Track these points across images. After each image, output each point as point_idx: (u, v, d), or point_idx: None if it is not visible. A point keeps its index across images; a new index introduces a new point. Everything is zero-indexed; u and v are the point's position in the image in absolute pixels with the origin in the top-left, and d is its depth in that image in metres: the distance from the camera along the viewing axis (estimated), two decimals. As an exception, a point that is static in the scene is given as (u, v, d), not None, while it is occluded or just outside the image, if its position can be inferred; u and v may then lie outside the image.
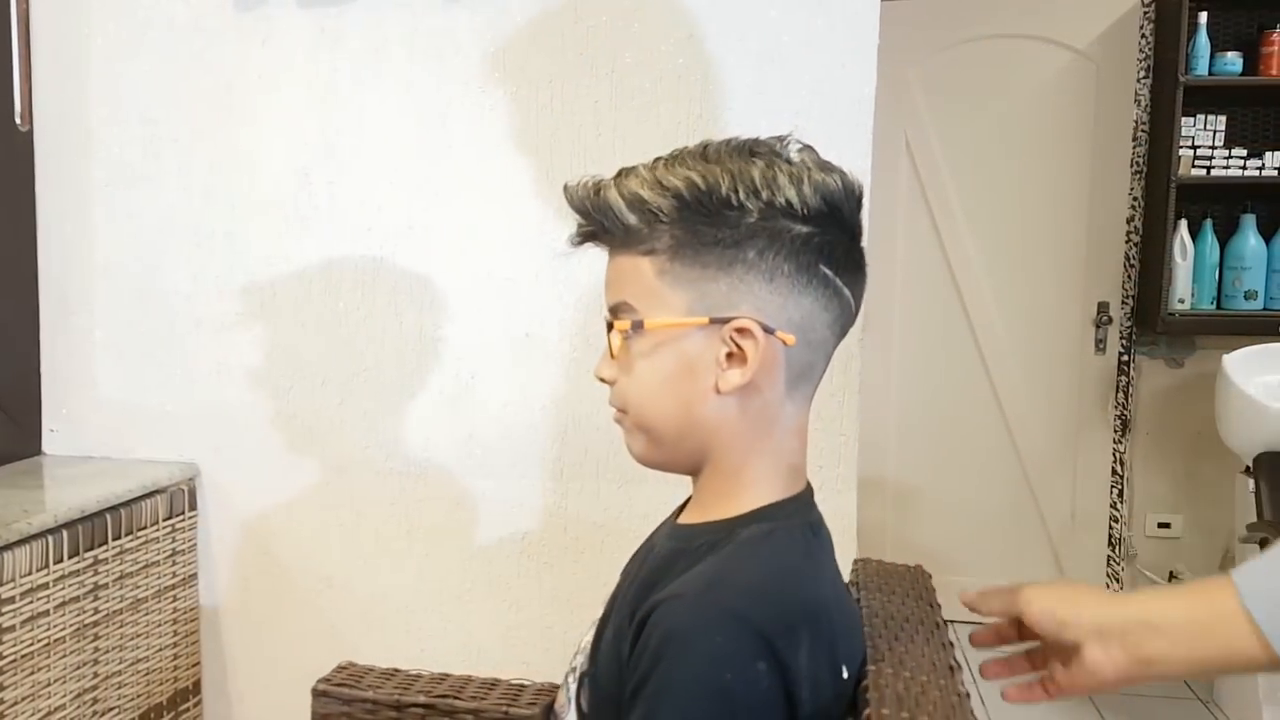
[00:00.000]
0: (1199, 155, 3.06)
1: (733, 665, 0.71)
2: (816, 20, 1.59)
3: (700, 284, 0.79)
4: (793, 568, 0.79)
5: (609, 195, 0.80)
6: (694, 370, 0.80)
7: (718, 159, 0.79)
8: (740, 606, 0.73)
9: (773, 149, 0.81)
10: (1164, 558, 3.37)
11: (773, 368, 0.80)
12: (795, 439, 0.84)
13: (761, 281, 0.78)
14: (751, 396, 0.80)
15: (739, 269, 0.78)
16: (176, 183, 1.79)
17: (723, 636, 0.71)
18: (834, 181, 0.80)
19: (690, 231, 0.78)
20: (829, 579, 0.82)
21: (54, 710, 1.53)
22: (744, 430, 0.81)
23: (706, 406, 0.80)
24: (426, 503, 1.77)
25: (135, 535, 1.68)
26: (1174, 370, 3.30)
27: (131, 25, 1.78)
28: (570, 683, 0.90)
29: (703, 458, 0.83)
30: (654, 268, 0.80)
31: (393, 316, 1.75)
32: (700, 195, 0.77)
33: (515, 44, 1.67)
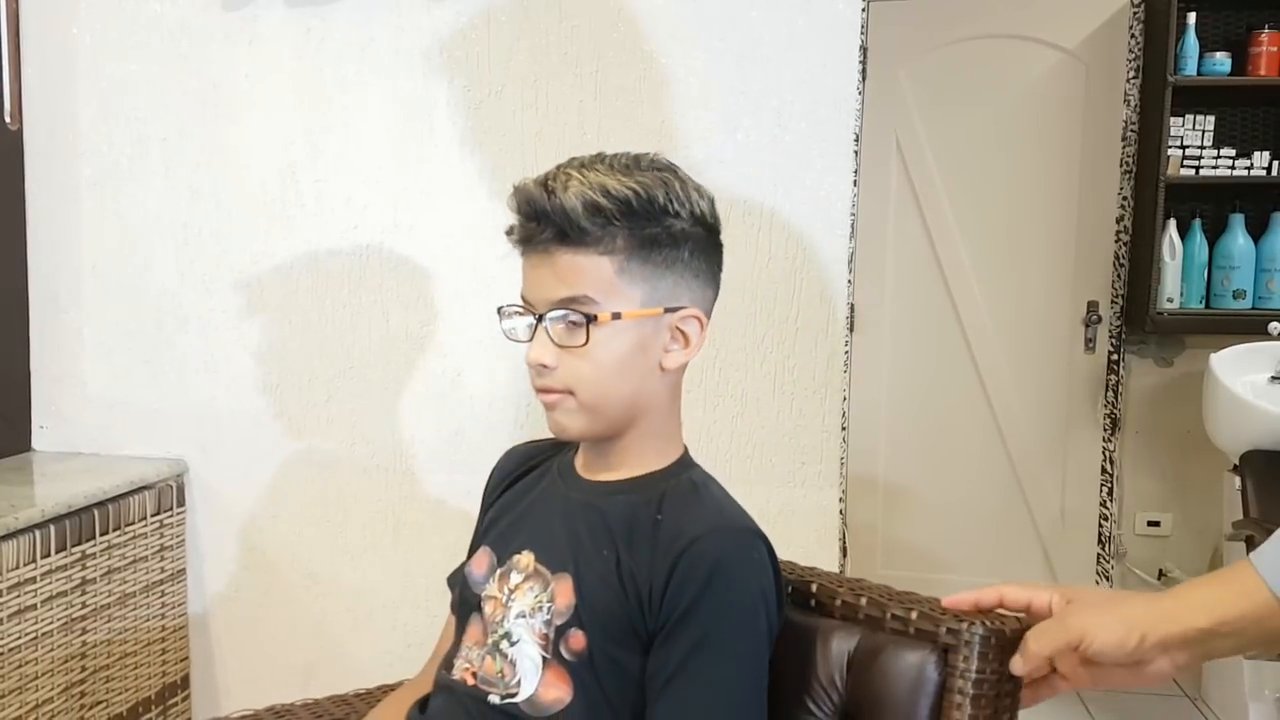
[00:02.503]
0: (1188, 155, 3.08)
1: (764, 576, 0.91)
2: (798, 20, 1.61)
3: (652, 280, 0.93)
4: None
5: (565, 200, 0.89)
6: (645, 354, 0.94)
7: (638, 170, 0.92)
8: (749, 525, 0.94)
9: (668, 165, 0.96)
10: (1153, 556, 3.38)
11: (695, 347, 0.97)
12: (680, 402, 1.03)
13: (692, 276, 0.96)
14: (677, 371, 0.98)
15: (679, 267, 0.94)
16: (164, 181, 1.81)
17: (754, 553, 0.91)
18: (710, 196, 0.98)
19: (639, 235, 0.91)
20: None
21: (42, 703, 1.55)
22: (669, 399, 0.99)
23: (649, 384, 0.96)
24: (412, 499, 1.78)
25: (123, 531, 1.69)
26: (1163, 369, 3.31)
27: (120, 25, 1.79)
28: (508, 646, 0.94)
29: (629, 425, 0.97)
30: (613, 265, 0.91)
31: (379, 314, 1.76)
32: (643, 202, 0.91)
33: (500, 44, 1.68)
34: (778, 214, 1.63)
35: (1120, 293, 3.29)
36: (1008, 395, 3.40)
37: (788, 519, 1.67)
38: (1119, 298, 3.29)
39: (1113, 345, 3.31)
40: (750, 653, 0.89)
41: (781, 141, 1.62)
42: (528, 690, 0.92)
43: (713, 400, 1.67)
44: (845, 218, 1.62)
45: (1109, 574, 3.39)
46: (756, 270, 1.64)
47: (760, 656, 0.90)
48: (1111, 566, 3.39)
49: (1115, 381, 3.32)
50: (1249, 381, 2.75)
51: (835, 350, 1.65)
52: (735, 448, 1.67)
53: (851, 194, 1.63)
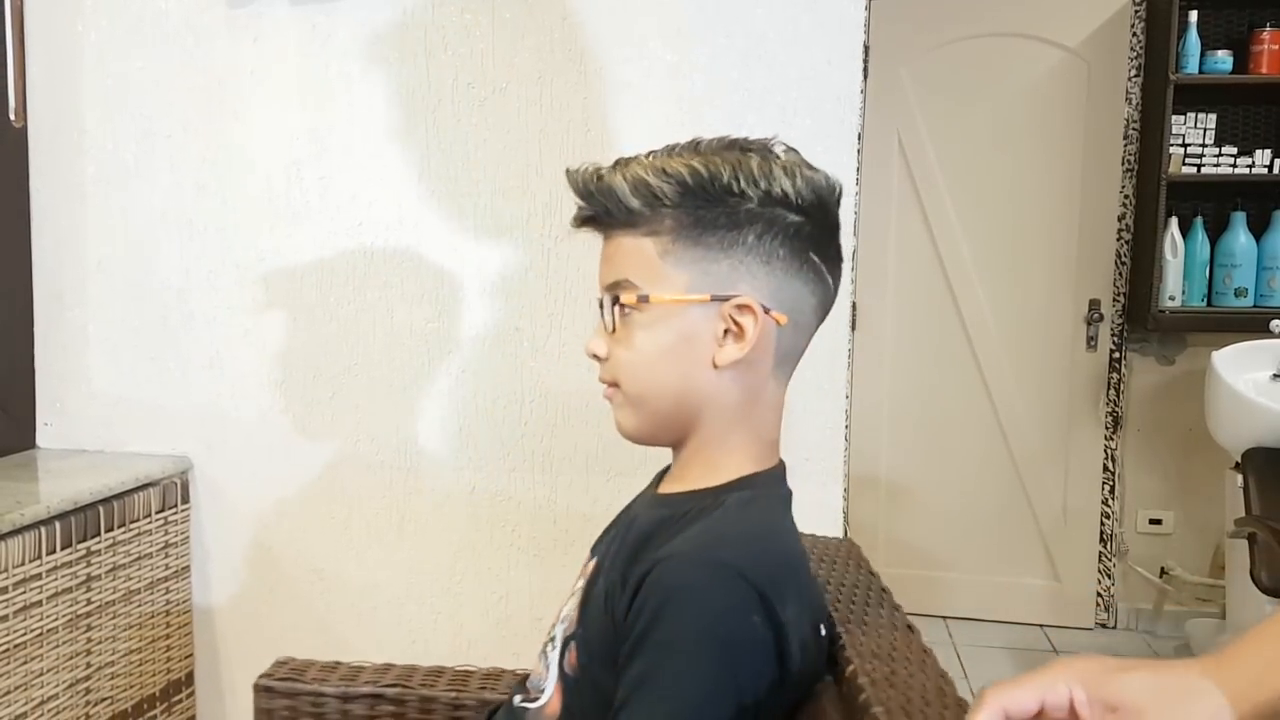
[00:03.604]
0: (1189, 153, 3.08)
1: (732, 618, 0.76)
2: (802, 18, 1.61)
3: (702, 264, 0.84)
4: (777, 529, 0.86)
5: (613, 180, 0.84)
6: (692, 345, 0.85)
7: (714, 151, 0.85)
8: (736, 562, 0.78)
9: (765, 146, 0.87)
10: (1155, 553, 3.38)
11: (765, 345, 0.85)
12: (774, 415, 0.90)
13: (759, 264, 0.84)
14: (744, 372, 0.86)
15: (739, 251, 0.84)
16: (169, 178, 1.81)
17: (722, 591, 0.76)
18: (821, 178, 0.86)
19: (691, 215, 0.83)
20: (802, 548, 0.89)
21: (47, 700, 1.55)
22: (732, 404, 0.87)
23: (701, 379, 0.86)
24: (417, 495, 1.78)
25: (128, 528, 1.69)
26: (1165, 367, 3.32)
27: (124, 22, 1.80)
28: (550, 651, 0.92)
29: (689, 430, 0.88)
30: (657, 248, 0.84)
31: (384, 311, 1.76)
32: (703, 181, 0.82)
33: (504, 40, 1.69)
34: (782, 211, 1.63)
35: (1122, 291, 3.30)
36: (1009, 393, 3.40)
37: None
38: (1121, 296, 3.30)
39: (1114, 343, 3.31)
40: (696, 700, 0.74)
41: (785, 138, 1.61)
42: (544, 699, 0.89)
43: (717, 397, 1.67)
44: (848, 214, 1.62)
45: (1110, 571, 3.39)
46: (761, 267, 1.64)
47: (716, 706, 0.75)
48: (1113, 564, 3.40)
49: (1117, 379, 3.32)
50: (1251, 379, 2.75)
51: (837, 347, 1.65)
52: (739, 444, 1.67)
53: (854, 191, 1.63)
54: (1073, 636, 3.35)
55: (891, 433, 3.49)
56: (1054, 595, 3.44)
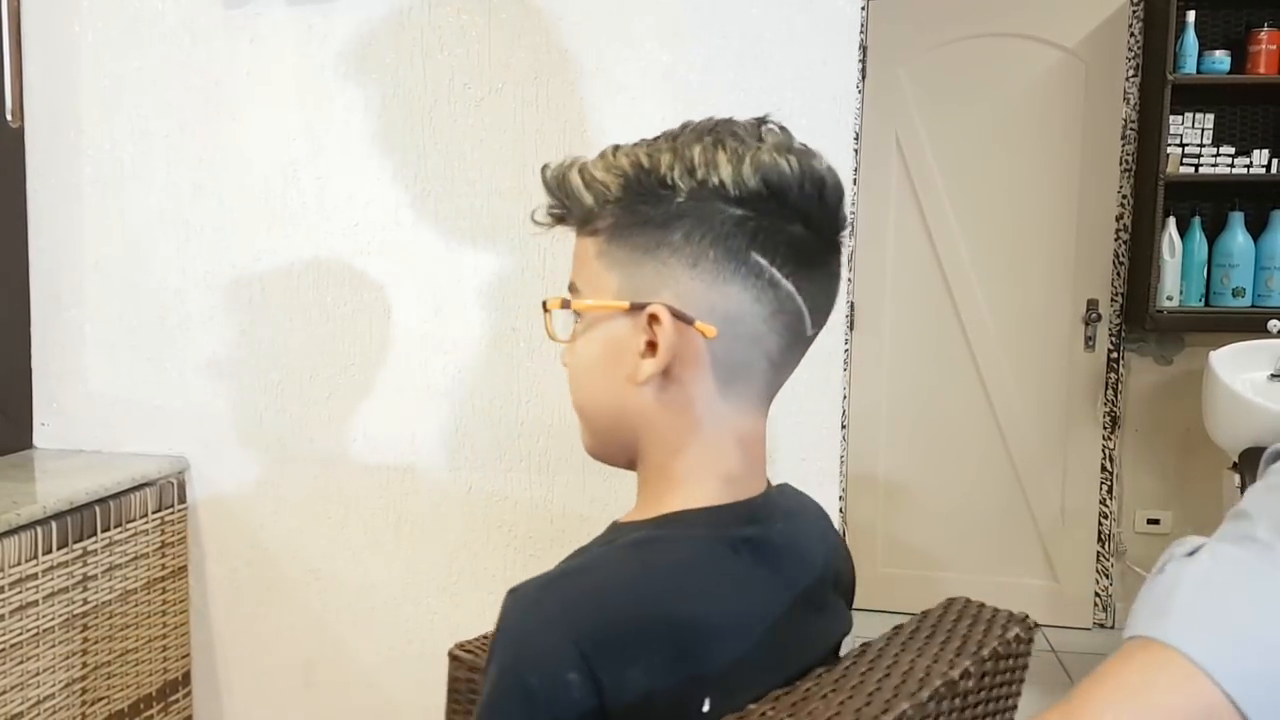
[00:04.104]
0: (1187, 153, 3.08)
1: (541, 670, 0.68)
2: (798, 18, 1.61)
3: (628, 267, 0.75)
4: (650, 580, 0.73)
5: (571, 175, 0.77)
6: (619, 358, 0.76)
7: (676, 136, 0.76)
8: (561, 612, 0.69)
9: (735, 128, 0.75)
10: (1153, 554, 3.37)
11: (694, 361, 0.75)
12: (731, 445, 0.77)
13: (685, 267, 0.74)
14: (673, 391, 0.76)
15: (664, 252, 0.74)
16: (166, 179, 1.81)
17: (537, 640, 0.69)
18: (787, 164, 0.73)
19: (629, 212, 0.75)
20: (724, 598, 0.74)
21: (43, 699, 1.55)
22: (667, 427, 0.77)
23: (630, 397, 0.77)
24: (413, 496, 1.78)
25: (124, 527, 1.69)
26: (1163, 367, 3.32)
27: (121, 23, 1.80)
28: None
29: (634, 453, 0.80)
30: (595, 248, 0.77)
31: (380, 311, 1.77)
32: (641, 173, 0.74)
33: (500, 41, 1.69)
34: (778, 211, 1.63)
35: (1120, 291, 3.30)
36: (1007, 393, 3.40)
37: (788, 515, 1.67)
38: (1119, 296, 3.30)
39: (1112, 343, 3.32)
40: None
41: (782, 138, 1.62)
42: None
43: (713, 397, 1.67)
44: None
45: (1109, 572, 3.40)
46: (757, 267, 1.65)
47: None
48: (1111, 565, 3.40)
49: (1115, 379, 3.33)
50: (1248, 379, 2.75)
51: (835, 347, 1.65)
52: (736, 444, 1.67)
53: (851, 192, 1.63)
54: (1071, 636, 3.35)
55: (890, 433, 3.49)
56: (1052, 595, 3.44)
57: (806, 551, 0.82)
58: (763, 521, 0.79)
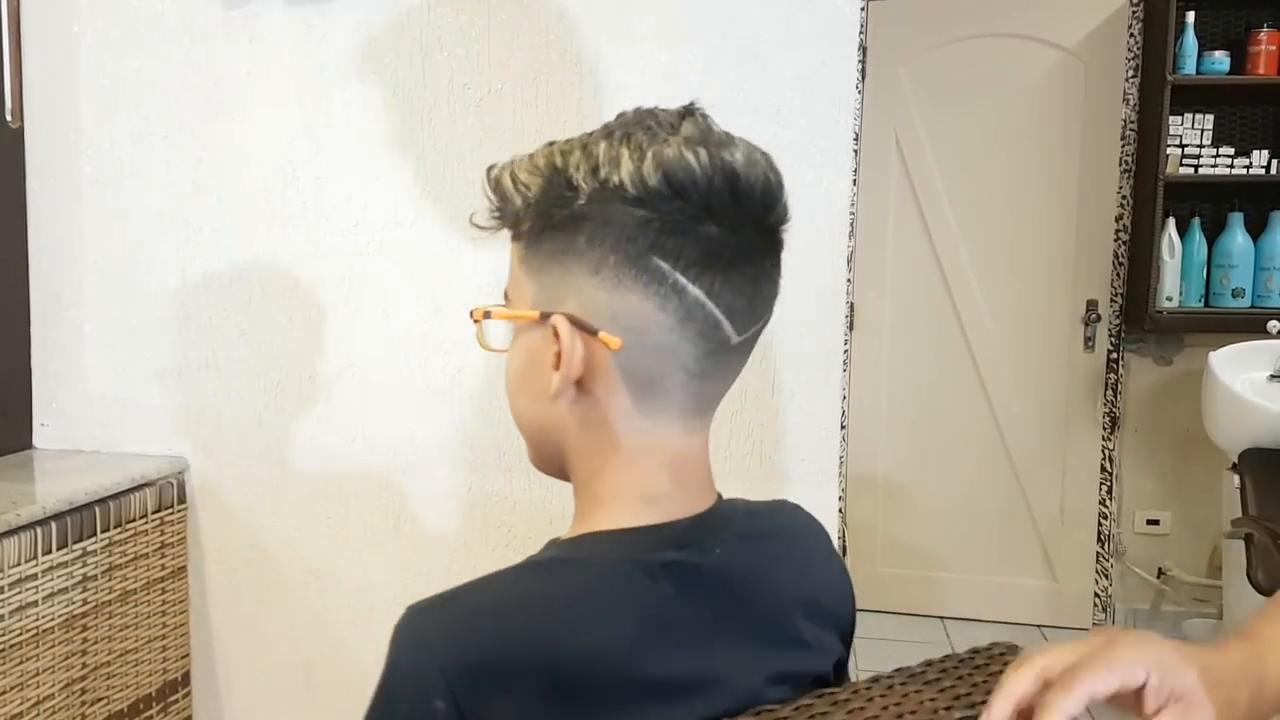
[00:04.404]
0: (1187, 154, 3.09)
1: (409, 695, 0.66)
2: (798, 18, 1.61)
3: (541, 274, 0.72)
4: (537, 606, 0.69)
5: (503, 176, 0.73)
6: (537, 369, 0.72)
7: (595, 132, 0.71)
8: (437, 638, 0.67)
9: (651, 121, 0.70)
10: (1152, 554, 3.38)
11: (604, 374, 0.70)
12: (654, 463, 0.72)
13: (588, 274, 0.69)
14: (587, 405, 0.72)
15: (570, 258, 0.69)
16: (165, 179, 1.81)
17: (409, 664, 0.67)
18: (694, 158, 0.67)
19: (542, 216, 0.70)
20: (625, 627, 0.69)
21: (43, 700, 1.55)
22: (587, 443, 0.73)
23: (548, 411, 0.73)
24: (413, 496, 1.78)
25: (124, 528, 1.69)
26: (1162, 368, 3.32)
27: (121, 23, 1.80)
28: None
29: (564, 469, 0.76)
30: (518, 254, 0.74)
31: (379, 312, 1.77)
32: (554, 175, 0.69)
33: (500, 41, 1.69)
34: (777, 211, 1.63)
35: (1119, 291, 3.30)
36: (1007, 394, 3.41)
37: (787, 516, 1.67)
38: (1118, 296, 3.30)
39: (1112, 344, 3.32)
40: None
41: (781, 139, 1.62)
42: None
43: (713, 397, 1.67)
44: (845, 215, 1.63)
45: (1108, 572, 3.40)
46: (756, 267, 1.65)
47: None
48: (1111, 565, 3.40)
49: (1114, 380, 3.33)
50: (1248, 380, 2.76)
51: (835, 348, 1.65)
52: (735, 444, 1.68)
53: (851, 192, 1.64)
54: (1070, 637, 3.33)
55: (889, 433, 3.49)
56: (1051, 595, 3.44)
57: (758, 578, 0.75)
58: (692, 545, 0.72)
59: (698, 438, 0.75)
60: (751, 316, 0.72)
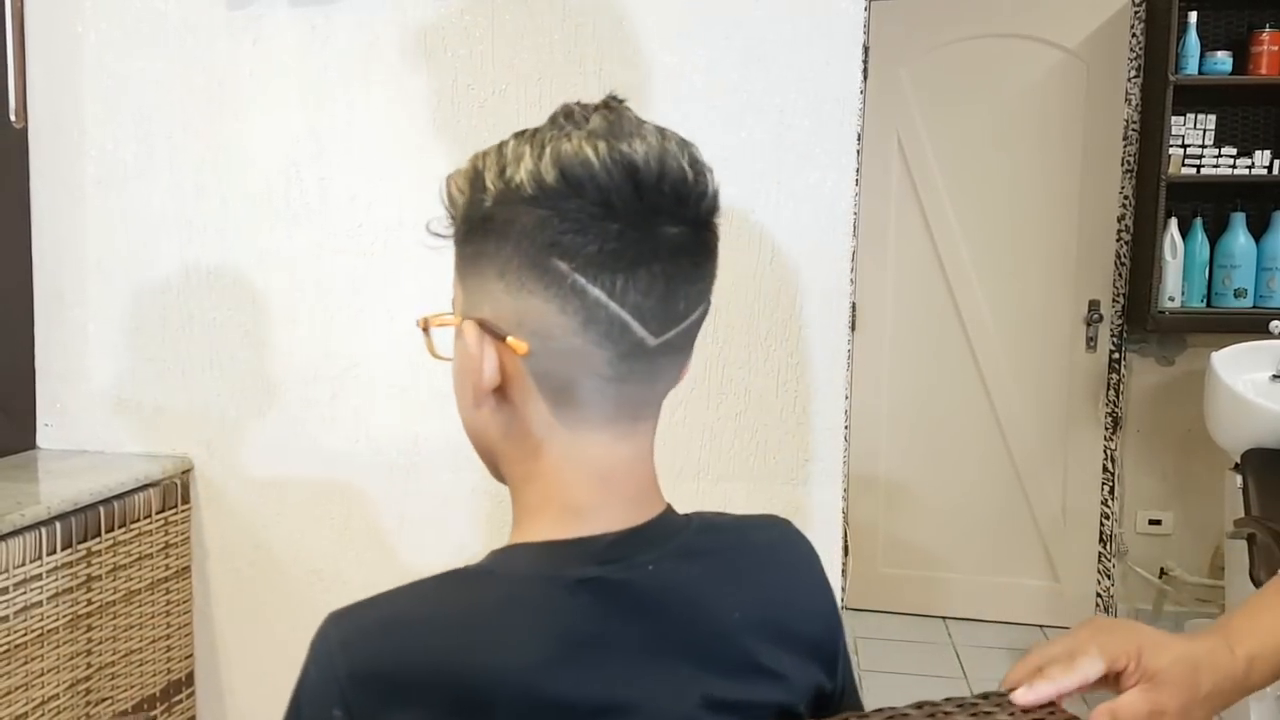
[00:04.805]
0: (1189, 154, 3.09)
1: (312, 702, 0.66)
2: (801, 20, 1.61)
3: (464, 280, 0.70)
4: (440, 619, 0.68)
5: (447, 183, 0.71)
6: (464, 376, 0.71)
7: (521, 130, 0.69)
8: (339, 646, 0.66)
9: (562, 115, 0.68)
10: (1155, 554, 3.38)
11: (519, 381, 0.68)
12: (578, 474, 0.69)
13: (495, 277, 0.67)
14: (508, 413, 0.70)
15: (483, 262, 0.68)
16: (169, 179, 1.81)
17: (314, 671, 0.67)
18: (592, 152, 0.64)
19: (465, 220, 0.69)
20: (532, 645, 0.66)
21: (47, 700, 1.55)
22: (513, 453, 0.71)
23: (479, 418, 0.72)
24: (416, 496, 1.78)
25: (128, 528, 1.70)
26: (1164, 368, 3.32)
27: (124, 23, 1.80)
28: None
29: (501, 476, 0.75)
30: (455, 260, 0.72)
31: (383, 312, 1.77)
32: (475, 178, 0.68)
33: (504, 42, 1.69)
34: (781, 211, 1.64)
35: (1121, 291, 3.30)
36: (1009, 394, 3.41)
37: (791, 516, 1.66)
38: (1120, 296, 3.30)
39: (1114, 344, 3.32)
40: None
41: (785, 139, 1.63)
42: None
43: (716, 397, 1.68)
44: (848, 215, 1.63)
45: (1110, 572, 3.40)
46: (760, 267, 1.65)
47: None
48: (1113, 565, 3.40)
49: (1116, 380, 3.33)
50: (1250, 380, 2.76)
51: (837, 348, 1.65)
52: (739, 444, 1.68)
53: (854, 192, 1.64)
54: (1072, 637, 3.35)
55: (891, 433, 3.49)
56: (1053, 595, 3.44)
57: (699, 597, 0.70)
58: (620, 560, 0.68)
59: (630, 446, 0.70)
60: (668, 317, 0.67)
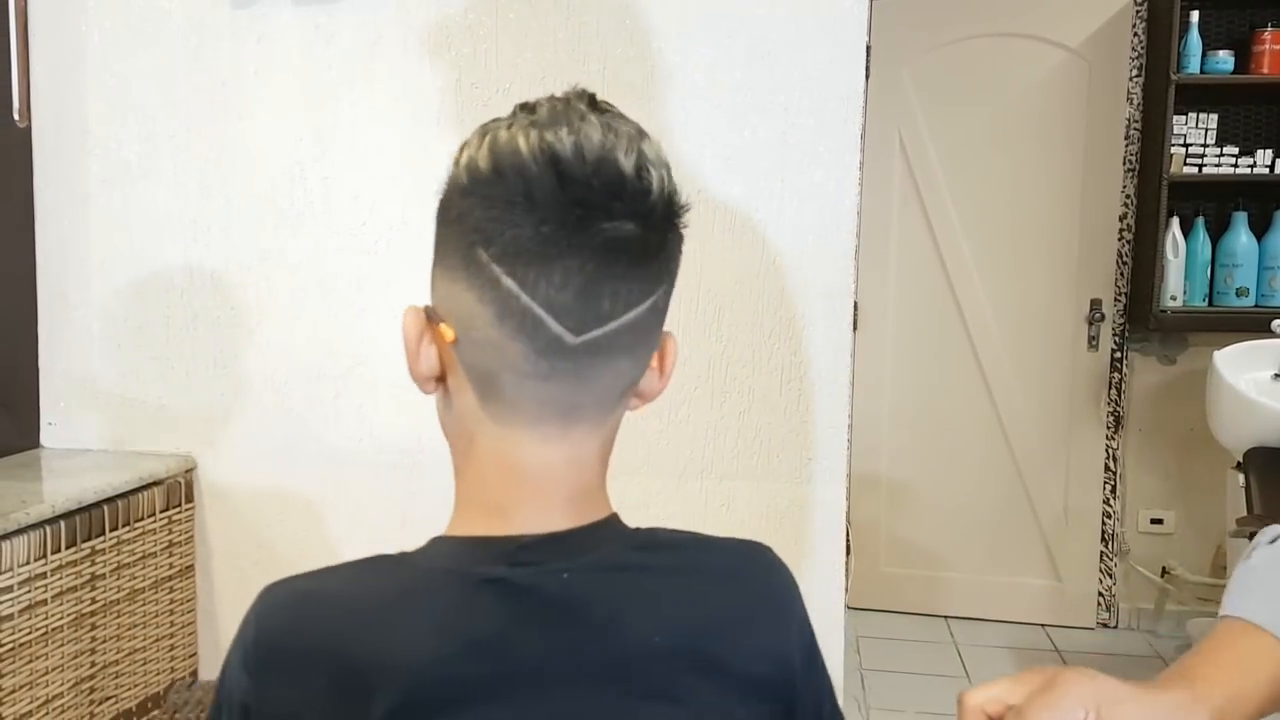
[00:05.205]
0: (1191, 153, 3.09)
1: (230, 665, 0.68)
2: (805, 19, 1.61)
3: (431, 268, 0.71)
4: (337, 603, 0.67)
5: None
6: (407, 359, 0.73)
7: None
8: (255, 616, 0.68)
9: (521, 105, 0.68)
10: (1156, 554, 3.38)
11: (454, 369, 0.68)
12: (499, 471, 0.67)
13: (436, 264, 0.68)
14: (446, 402, 0.71)
15: (436, 249, 0.68)
16: (173, 179, 1.81)
17: (238, 634, 0.68)
18: (524, 141, 0.63)
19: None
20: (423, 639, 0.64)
21: (52, 698, 1.55)
22: (452, 442, 0.71)
23: (436, 406, 0.73)
24: (420, 495, 1.78)
25: (132, 527, 1.70)
26: (1166, 367, 3.32)
27: (128, 22, 1.80)
28: None
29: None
30: None
31: (387, 311, 1.77)
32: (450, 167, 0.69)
33: (508, 41, 1.69)
34: (785, 210, 1.64)
35: (1123, 290, 3.30)
36: (1011, 393, 3.41)
37: (794, 515, 1.68)
38: (1122, 295, 3.30)
39: (1116, 343, 3.32)
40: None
41: (789, 138, 1.63)
42: None
43: (720, 396, 1.68)
44: (851, 214, 1.63)
45: (1112, 571, 3.40)
46: (764, 266, 1.65)
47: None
48: (1115, 564, 3.40)
49: (1118, 379, 3.33)
50: (1252, 379, 2.75)
51: (840, 347, 1.66)
52: (742, 443, 1.68)
53: (857, 190, 1.64)
54: (1074, 636, 3.35)
55: (892, 432, 3.49)
56: (1055, 595, 3.44)
57: (615, 614, 0.66)
58: (531, 565, 0.65)
59: (562, 449, 0.67)
60: (590, 316, 0.63)
